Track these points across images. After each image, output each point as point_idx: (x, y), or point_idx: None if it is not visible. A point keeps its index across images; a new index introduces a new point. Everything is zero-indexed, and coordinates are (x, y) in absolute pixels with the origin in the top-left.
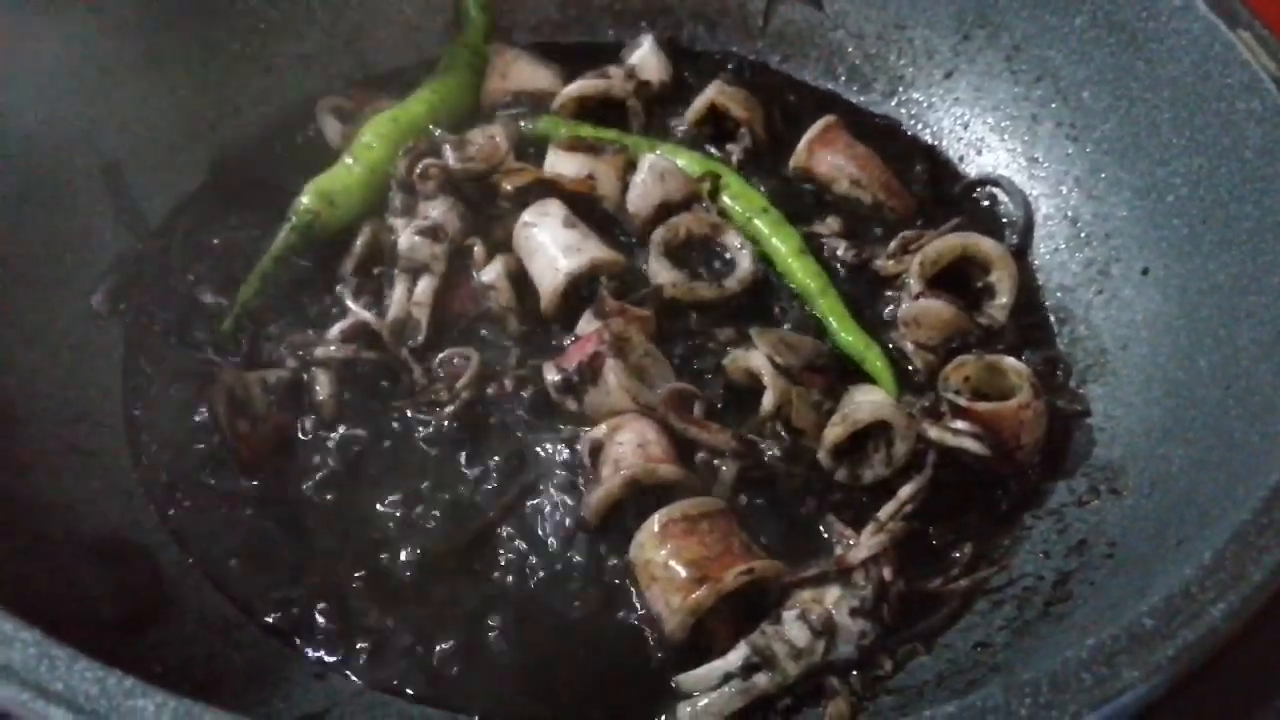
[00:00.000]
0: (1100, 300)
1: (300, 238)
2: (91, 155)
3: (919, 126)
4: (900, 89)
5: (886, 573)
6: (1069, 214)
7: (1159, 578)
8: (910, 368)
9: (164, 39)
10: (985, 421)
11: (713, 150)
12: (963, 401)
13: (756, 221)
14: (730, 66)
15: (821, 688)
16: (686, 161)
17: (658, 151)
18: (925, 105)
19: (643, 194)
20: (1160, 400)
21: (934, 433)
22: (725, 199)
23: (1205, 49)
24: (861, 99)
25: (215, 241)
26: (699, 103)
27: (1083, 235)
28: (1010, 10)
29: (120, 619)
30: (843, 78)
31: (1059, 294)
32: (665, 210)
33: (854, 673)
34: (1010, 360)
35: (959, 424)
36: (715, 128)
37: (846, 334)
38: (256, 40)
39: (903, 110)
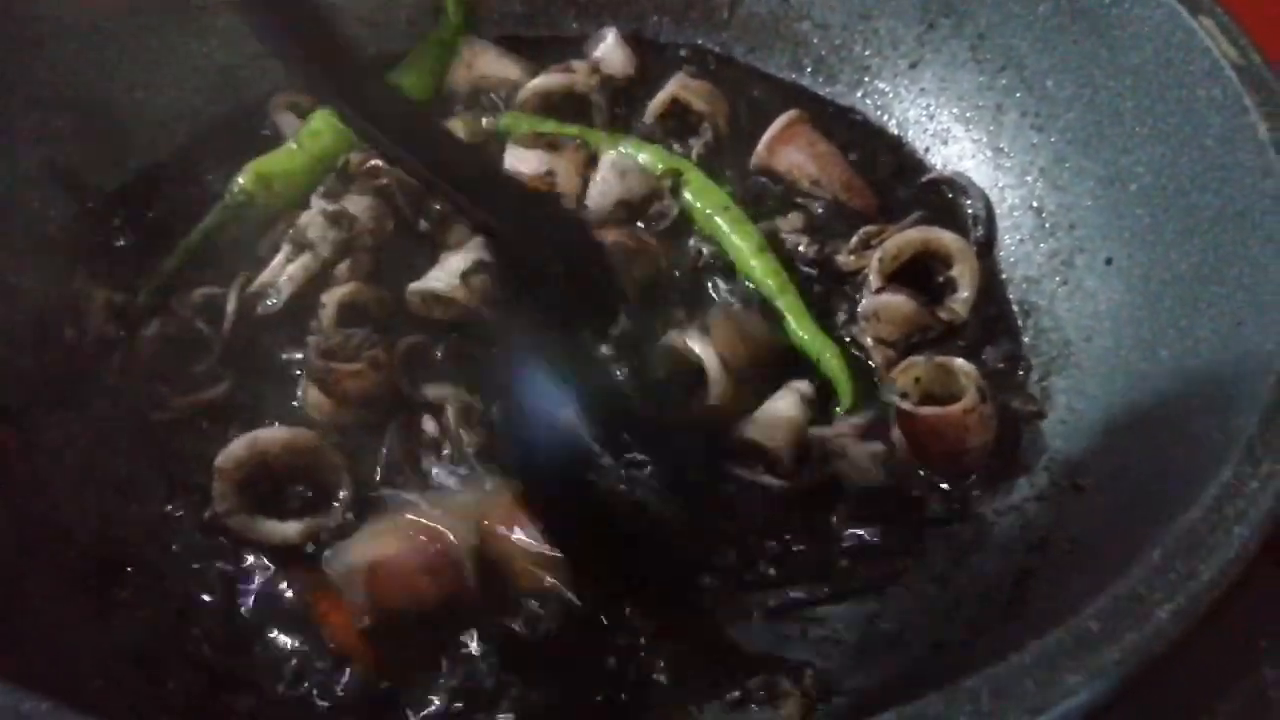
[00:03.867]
0: (1064, 291)
1: (232, 218)
2: (40, 158)
3: (884, 118)
4: (866, 80)
5: None
6: (1034, 204)
7: (1119, 576)
8: (870, 363)
9: (118, 39)
10: (929, 426)
11: (675, 145)
12: (907, 406)
13: (717, 219)
14: (695, 59)
15: (774, 689)
16: (650, 157)
17: (621, 147)
18: (891, 96)
19: (603, 191)
20: (1122, 393)
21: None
22: (686, 195)
23: (1167, 35)
24: (827, 91)
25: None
26: (661, 96)
27: (1047, 226)
28: None
29: None
30: (809, 69)
31: (1023, 286)
32: (625, 208)
33: (808, 671)
34: (960, 361)
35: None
36: (678, 121)
37: (804, 334)
38: (214, 39)
39: (868, 101)
